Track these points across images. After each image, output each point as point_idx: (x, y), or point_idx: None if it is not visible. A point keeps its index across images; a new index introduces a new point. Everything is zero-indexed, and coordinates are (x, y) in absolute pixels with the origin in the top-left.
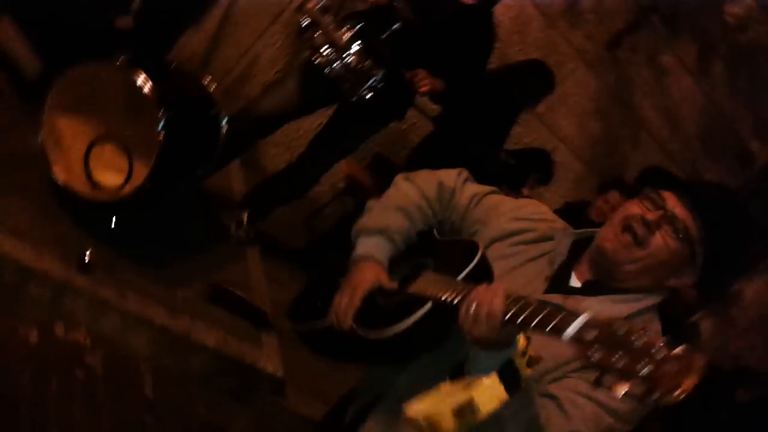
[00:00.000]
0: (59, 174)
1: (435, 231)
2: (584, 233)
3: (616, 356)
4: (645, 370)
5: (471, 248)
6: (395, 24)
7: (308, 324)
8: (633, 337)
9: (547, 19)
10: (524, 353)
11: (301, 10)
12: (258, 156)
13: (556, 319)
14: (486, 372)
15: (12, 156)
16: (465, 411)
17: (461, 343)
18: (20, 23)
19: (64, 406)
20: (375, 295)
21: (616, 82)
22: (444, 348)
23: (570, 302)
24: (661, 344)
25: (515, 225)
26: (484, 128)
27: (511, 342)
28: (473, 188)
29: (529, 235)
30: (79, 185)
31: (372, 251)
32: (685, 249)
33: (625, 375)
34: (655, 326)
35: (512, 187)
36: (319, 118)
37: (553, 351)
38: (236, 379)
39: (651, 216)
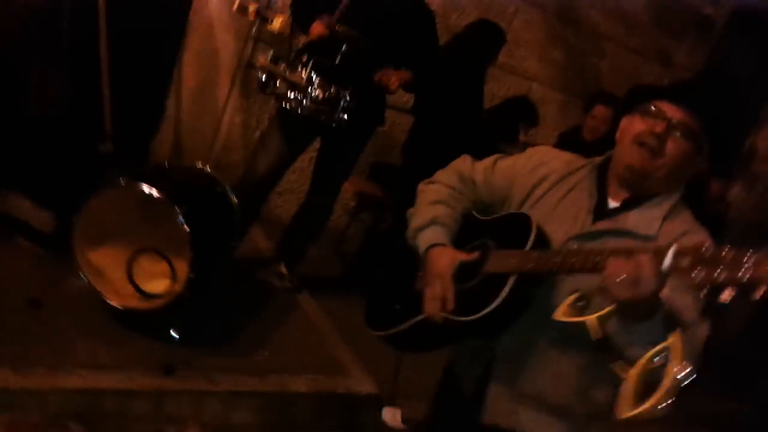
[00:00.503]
0: (113, 300)
1: (475, 213)
2: (601, 160)
3: (717, 272)
4: (746, 276)
5: (523, 220)
6: (342, 47)
7: (397, 327)
8: (723, 254)
9: None
10: None
11: (253, 67)
12: (270, 209)
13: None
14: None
15: (66, 302)
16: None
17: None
18: (20, 188)
19: None
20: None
21: (557, 7)
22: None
23: (619, 222)
24: (749, 252)
25: (535, 176)
26: (458, 100)
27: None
28: (482, 164)
29: (552, 178)
30: (135, 302)
31: (435, 239)
32: (693, 145)
33: (729, 284)
34: (687, 214)
35: (509, 142)
36: (308, 153)
37: None
38: (339, 412)
39: (659, 128)
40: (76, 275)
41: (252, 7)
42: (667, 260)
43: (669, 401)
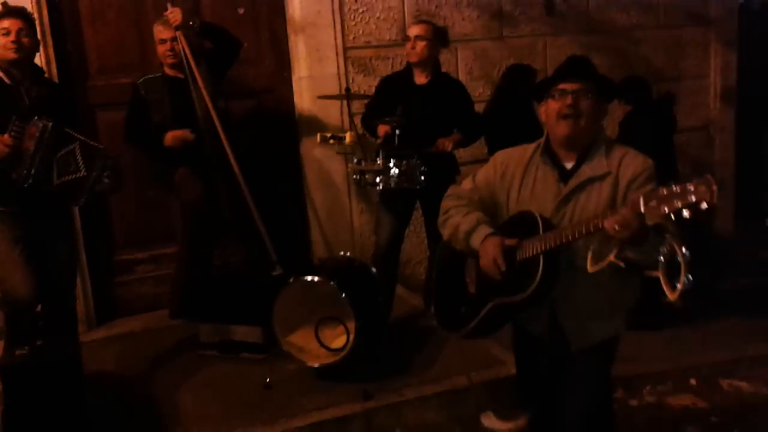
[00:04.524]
0: (314, 363)
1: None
2: (543, 143)
3: (675, 202)
4: (692, 198)
5: (529, 214)
6: (396, 131)
7: (470, 323)
8: (673, 189)
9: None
10: None
11: (351, 172)
12: (416, 278)
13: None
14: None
15: (286, 379)
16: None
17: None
18: (233, 320)
19: None
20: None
21: (577, 25)
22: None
23: (581, 176)
24: (689, 183)
25: (506, 182)
26: (520, 133)
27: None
28: (467, 185)
29: (518, 176)
30: (330, 359)
31: (486, 232)
32: (595, 96)
33: (685, 207)
34: (611, 140)
35: None
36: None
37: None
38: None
39: (569, 100)
40: (287, 358)
41: (328, 134)
42: (641, 206)
43: (690, 273)
